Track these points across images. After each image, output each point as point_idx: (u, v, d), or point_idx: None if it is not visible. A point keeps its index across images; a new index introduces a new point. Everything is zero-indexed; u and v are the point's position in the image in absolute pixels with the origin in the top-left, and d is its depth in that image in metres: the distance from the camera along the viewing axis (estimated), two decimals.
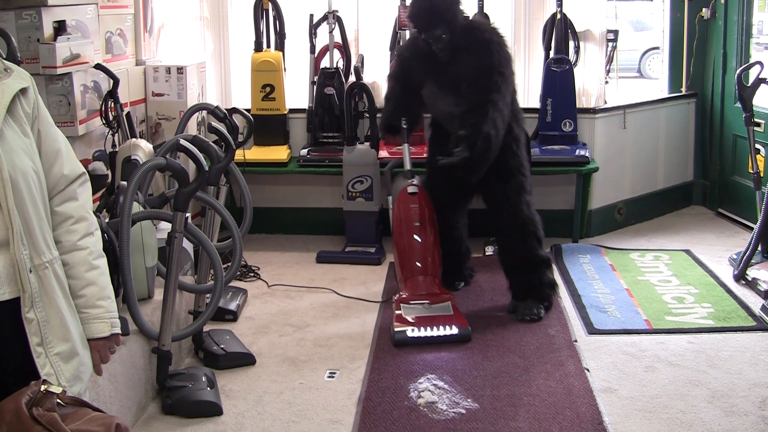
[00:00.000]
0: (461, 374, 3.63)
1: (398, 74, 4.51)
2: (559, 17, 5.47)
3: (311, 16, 5.60)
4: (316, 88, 5.59)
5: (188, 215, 3.37)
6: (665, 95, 6.33)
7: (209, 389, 3.42)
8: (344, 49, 5.61)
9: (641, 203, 6.05)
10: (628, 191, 5.96)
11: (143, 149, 3.99)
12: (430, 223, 4.35)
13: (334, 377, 3.68)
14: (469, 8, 4.47)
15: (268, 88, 5.53)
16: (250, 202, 4.11)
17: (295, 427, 3.25)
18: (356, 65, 5.46)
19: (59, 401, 1.80)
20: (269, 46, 5.65)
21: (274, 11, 5.60)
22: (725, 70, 6.01)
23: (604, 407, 3.32)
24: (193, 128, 5.09)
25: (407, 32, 5.48)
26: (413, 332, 3.94)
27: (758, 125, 5.21)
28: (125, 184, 3.23)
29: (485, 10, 5.45)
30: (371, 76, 5.70)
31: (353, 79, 5.41)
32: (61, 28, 3.90)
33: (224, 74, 5.82)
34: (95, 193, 3.62)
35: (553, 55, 5.51)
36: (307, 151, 5.53)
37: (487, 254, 5.28)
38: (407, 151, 4.54)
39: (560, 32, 5.49)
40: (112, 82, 4.29)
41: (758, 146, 5.15)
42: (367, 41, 5.78)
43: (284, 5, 5.61)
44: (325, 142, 5.62)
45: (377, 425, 3.21)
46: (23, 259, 1.96)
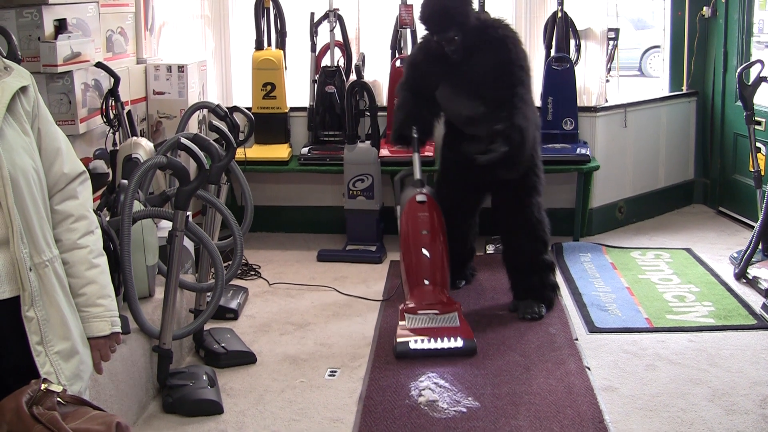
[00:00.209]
0: (462, 373, 3.63)
1: (409, 82, 4.39)
2: (560, 15, 5.47)
3: (312, 14, 5.59)
4: (317, 86, 5.59)
5: (189, 214, 3.37)
6: (666, 94, 6.33)
7: (210, 388, 3.41)
8: (345, 47, 5.61)
9: (642, 202, 6.05)
10: (628, 190, 5.95)
11: (144, 148, 4.00)
12: (438, 231, 4.21)
13: (334, 376, 3.68)
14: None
15: (269, 86, 5.53)
16: (250, 200, 4.11)
17: (295, 425, 3.25)
18: (357, 64, 5.46)
19: (59, 400, 1.80)
20: (270, 44, 5.64)
21: (275, 9, 5.60)
22: (726, 68, 6.00)
23: (604, 406, 3.32)
24: (194, 127, 5.10)
25: (408, 31, 5.48)
26: (416, 344, 3.81)
27: (759, 124, 5.22)
28: (126, 182, 3.23)
29: (486, 8, 5.43)
30: (372, 74, 5.69)
31: (354, 77, 5.41)
32: (61, 26, 3.90)
33: (225, 72, 5.82)
34: (96, 191, 3.62)
35: (554, 53, 5.50)
36: (308, 149, 5.53)
37: (488, 252, 5.28)
38: (417, 160, 4.40)
39: (561, 31, 5.49)
40: (112, 80, 4.30)
41: (759, 145, 5.15)
42: (368, 40, 5.78)
43: (285, 3, 5.61)
44: (326, 140, 5.62)
45: (378, 424, 3.21)
46: (23, 257, 1.96)
